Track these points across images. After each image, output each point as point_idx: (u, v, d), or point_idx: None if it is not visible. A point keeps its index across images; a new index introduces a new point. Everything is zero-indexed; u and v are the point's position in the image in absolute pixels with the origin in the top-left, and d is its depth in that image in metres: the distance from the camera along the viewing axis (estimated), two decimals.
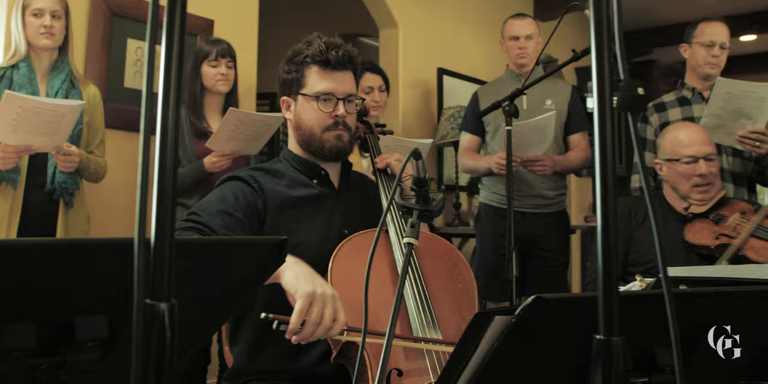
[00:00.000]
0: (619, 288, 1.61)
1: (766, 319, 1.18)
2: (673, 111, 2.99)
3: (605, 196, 0.69)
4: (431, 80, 4.80)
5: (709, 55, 2.92)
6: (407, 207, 1.45)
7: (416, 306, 1.61)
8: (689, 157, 2.21)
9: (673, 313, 0.75)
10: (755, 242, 2.10)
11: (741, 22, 6.38)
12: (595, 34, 0.73)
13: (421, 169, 1.43)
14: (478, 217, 3.52)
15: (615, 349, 0.72)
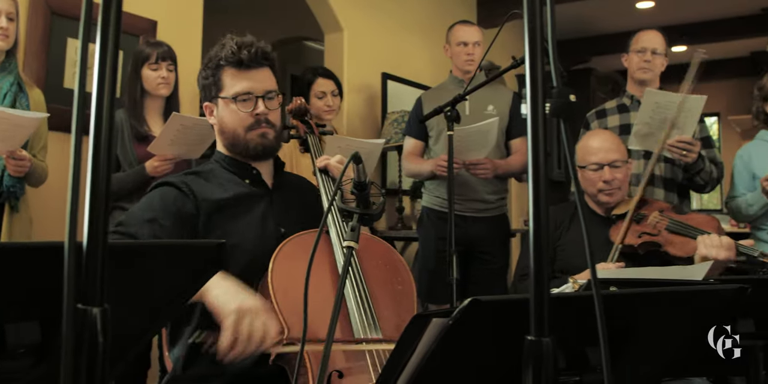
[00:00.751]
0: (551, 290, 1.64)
1: (690, 318, 1.22)
2: (612, 118, 3.07)
3: (537, 199, 0.71)
4: (375, 85, 4.81)
5: (641, 61, 3.02)
6: (347, 210, 1.46)
7: (357, 307, 1.61)
8: (595, 164, 2.28)
9: (601, 313, 0.77)
10: (674, 238, 2.17)
11: (672, 33, 6.58)
12: (528, 43, 0.74)
13: (361, 173, 1.43)
14: (421, 220, 3.54)
15: (545, 349, 0.73)
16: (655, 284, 1.21)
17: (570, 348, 1.16)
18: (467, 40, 3.37)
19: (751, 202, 2.90)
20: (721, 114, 8.59)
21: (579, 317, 1.04)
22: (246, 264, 1.69)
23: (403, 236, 4.57)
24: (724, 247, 1.98)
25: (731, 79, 8.06)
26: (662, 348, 1.31)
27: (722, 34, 6.66)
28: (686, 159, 2.71)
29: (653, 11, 6.28)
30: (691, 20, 6.57)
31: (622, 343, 1.22)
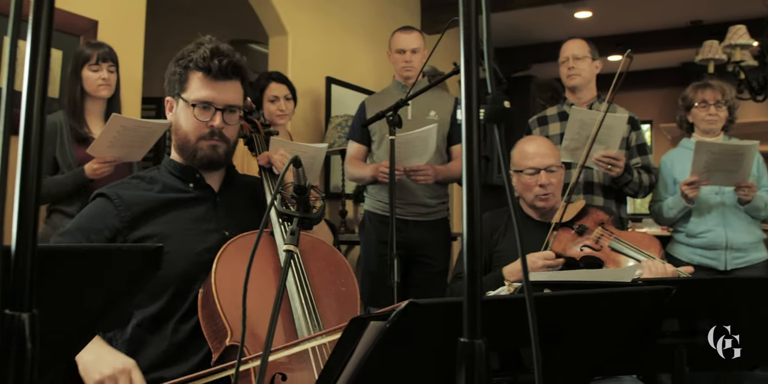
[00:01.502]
0: (487, 293, 1.66)
1: (620, 318, 1.25)
2: (554, 125, 3.15)
3: (471, 204, 0.72)
4: (319, 89, 4.81)
5: (566, 69, 3.13)
6: (287, 214, 1.45)
7: (301, 308, 1.61)
8: (531, 168, 2.33)
9: (533, 315, 0.78)
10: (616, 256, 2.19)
11: (609, 43, 6.76)
12: (464, 50, 0.75)
13: (301, 177, 1.43)
14: (363, 224, 3.54)
15: (478, 351, 0.74)
16: (586, 286, 1.24)
17: (504, 349, 1.18)
18: (405, 48, 3.39)
19: (671, 206, 3.01)
20: (653, 121, 8.83)
21: (513, 319, 1.05)
22: (185, 268, 1.67)
23: (346, 240, 4.56)
24: (668, 275, 2.02)
25: (663, 88, 8.31)
26: (593, 347, 1.34)
27: (655, 44, 6.86)
28: (612, 173, 2.80)
29: (591, 21, 6.43)
30: (626, 30, 6.75)
31: (555, 343, 1.24)
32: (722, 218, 3.00)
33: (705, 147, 2.81)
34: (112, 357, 1.48)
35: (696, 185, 2.87)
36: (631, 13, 6.25)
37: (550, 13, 6.13)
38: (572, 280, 1.56)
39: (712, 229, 2.97)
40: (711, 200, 3.02)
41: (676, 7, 6.08)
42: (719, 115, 3.06)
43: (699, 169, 2.83)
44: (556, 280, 1.47)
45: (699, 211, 3.02)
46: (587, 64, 3.13)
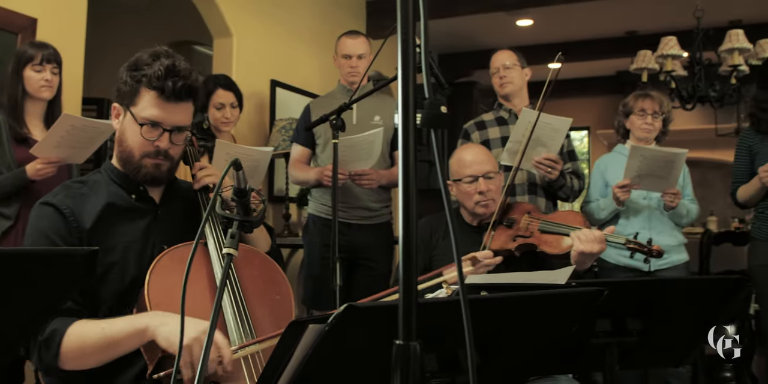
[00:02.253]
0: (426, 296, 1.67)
1: (555, 318, 1.27)
2: (493, 130, 3.19)
3: (407, 208, 0.72)
4: (264, 91, 4.76)
5: (498, 78, 3.21)
6: (227, 218, 1.43)
7: (234, 318, 1.59)
8: (470, 176, 2.35)
9: (468, 317, 0.79)
10: (547, 237, 2.28)
11: (548, 51, 6.88)
12: (401, 56, 0.76)
13: (241, 180, 1.41)
14: (306, 227, 3.52)
15: (413, 353, 0.74)
16: (522, 288, 1.25)
17: (442, 351, 1.19)
18: (351, 53, 3.39)
19: (603, 207, 3.09)
20: (590, 128, 9.03)
21: (451, 321, 1.06)
22: (128, 282, 1.63)
23: (290, 243, 4.53)
24: (597, 240, 2.07)
25: (600, 96, 8.49)
26: (529, 347, 1.36)
27: (593, 53, 7.00)
28: (551, 175, 2.86)
29: (532, 29, 6.54)
30: (566, 39, 6.88)
31: (492, 344, 1.25)
32: (648, 222, 3.09)
33: (639, 152, 2.89)
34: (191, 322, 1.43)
35: (628, 189, 2.95)
36: (571, 23, 6.38)
37: (492, 21, 6.20)
38: (509, 282, 1.59)
39: (638, 232, 3.05)
40: (639, 204, 3.11)
41: (613, 18, 6.22)
42: (655, 125, 3.15)
43: (632, 173, 2.91)
44: (493, 283, 1.49)
45: (627, 214, 3.11)
46: (517, 73, 3.20)
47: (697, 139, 7.63)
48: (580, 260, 2.08)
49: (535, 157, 2.82)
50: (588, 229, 2.11)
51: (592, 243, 2.05)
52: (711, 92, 4.54)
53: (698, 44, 4.55)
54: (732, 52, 4.31)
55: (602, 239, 2.06)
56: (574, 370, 1.98)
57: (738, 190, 3.13)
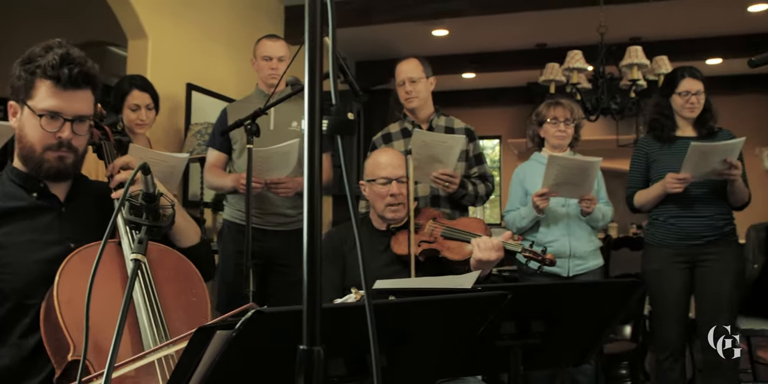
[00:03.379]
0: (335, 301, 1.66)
1: (461, 322, 1.29)
2: (398, 142, 3.19)
3: (312, 213, 0.71)
4: (180, 95, 4.65)
5: (404, 92, 3.19)
6: (135, 222, 1.39)
7: (149, 320, 1.54)
8: (384, 178, 2.37)
9: (372, 321, 0.79)
10: (450, 243, 2.32)
11: (463, 61, 7.03)
12: (308, 61, 0.75)
13: (150, 184, 1.37)
14: (221, 233, 3.45)
15: (316, 358, 0.73)
16: (429, 293, 1.27)
17: (351, 355, 1.18)
18: (272, 55, 3.35)
19: (523, 216, 3.15)
20: (502, 137, 9.24)
21: (358, 326, 1.06)
22: (24, 281, 1.56)
23: None
24: (495, 248, 2.11)
25: (511, 106, 8.71)
26: (437, 350, 1.38)
27: (505, 64, 7.18)
28: (448, 189, 2.91)
29: (447, 39, 6.64)
30: (479, 50, 7.02)
31: (399, 348, 1.26)
32: (567, 228, 3.17)
33: (556, 161, 2.97)
34: None
35: (546, 197, 3.02)
36: (484, 34, 6.51)
37: (409, 30, 6.27)
38: (416, 287, 1.60)
39: (558, 239, 3.14)
40: (558, 212, 3.18)
41: (524, 31, 6.39)
42: (567, 132, 3.23)
43: (549, 181, 2.99)
44: (400, 288, 1.50)
45: (547, 222, 3.18)
46: (423, 85, 3.19)
47: (600, 149, 7.91)
48: (478, 267, 2.12)
49: (432, 172, 2.87)
50: (487, 237, 2.15)
51: (489, 251, 2.10)
52: (613, 104, 4.72)
53: (601, 59, 4.73)
54: (631, 67, 4.49)
55: (500, 247, 2.11)
56: (482, 372, 2.02)
57: (635, 195, 3.25)
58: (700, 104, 3.11)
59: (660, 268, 3.14)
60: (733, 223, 3.15)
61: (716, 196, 3.08)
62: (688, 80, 3.11)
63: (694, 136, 3.14)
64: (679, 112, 3.16)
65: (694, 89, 3.09)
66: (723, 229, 3.08)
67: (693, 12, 5.84)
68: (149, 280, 1.60)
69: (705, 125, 3.14)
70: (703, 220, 3.07)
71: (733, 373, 3.09)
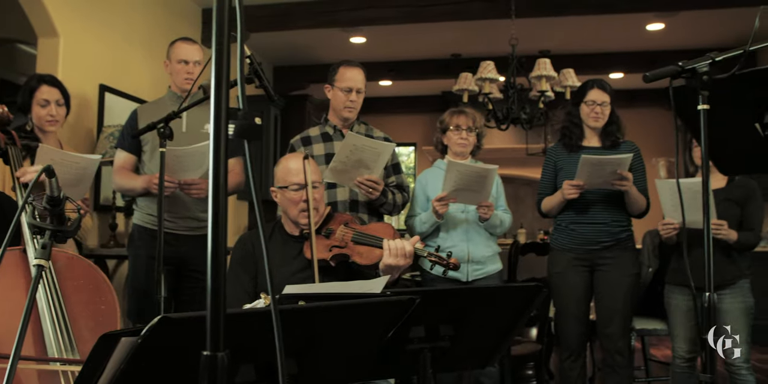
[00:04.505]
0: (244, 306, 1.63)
1: (371, 326, 1.29)
2: (318, 146, 3.15)
3: (216, 218, 0.70)
4: (92, 96, 4.49)
5: (348, 100, 3.10)
6: (39, 227, 1.33)
7: (54, 329, 1.48)
8: (296, 184, 2.36)
9: (278, 327, 0.78)
10: (360, 248, 2.33)
11: (380, 69, 7.07)
12: (215, 67, 0.74)
13: (54, 188, 1.32)
14: (132, 238, 3.34)
15: (220, 363, 0.72)
16: (339, 298, 1.26)
17: (260, 361, 1.17)
18: (188, 59, 3.27)
19: (424, 221, 3.19)
20: (417, 144, 9.34)
21: (267, 331, 1.04)
22: None
23: (116, 254, 4.28)
24: (406, 255, 2.15)
25: (427, 114, 8.81)
26: (347, 354, 1.37)
27: (421, 73, 7.27)
28: (371, 196, 2.90)
29: (365, 46, 6.67)
30: (396, 58, 7.09)
31: (310, 352, 1.25)
32: (466, 234, 3.23)
33: (455, 167, 3.02)
34: None
35: (445, 202, 3.07)
36: (401, 43, 6.58)
37: (327, 36, 6.27)
38: (325, 292, 1.59)
39: (456, 245, 3.19)
40: (457, 218, 3.24)
41: (440, 41, 6.49)
42: (469, 140, 3.29)
43: (449, 187, 3.03)
44: (310, 293, 1.49)
45: (446, 227, 3.23)
46: (362, 97, 3.15)
47: (510, 157, 8.14)
48: (387, 271, 2.13)
49: (357, 177, 2.86)
50: (400, 242, 2.17)
51: (400, 257, 2.12)
52: (522, 114, 4.83)
53: (512, 70, 4.84)
54: (540, 78, 4.62)
55: (411, 255, 2.15)
56: (393, 375, 2.02)
57: (542, 201, 3.34)
58: (605, 115, 3.22)
59: (562, 271, 3.24)
60: (630, 230, 3.27)
61: (614, 205, 3.20)
62: (596, 91, 3.22)
63: (598, 147, 3.25)
64: (585, 121, 3.26)
65: (599, 100, 3.20)
66: (619, 235, 3.21)
67: (597, 28, 6.08)
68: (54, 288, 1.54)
69: (610, 137, 3.26)
70: (601, 227, 3.19)
71: (629, 371, 3.22)
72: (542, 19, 5.48)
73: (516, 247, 4.09)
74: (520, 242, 4.48)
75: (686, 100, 1.49)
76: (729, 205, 3.03)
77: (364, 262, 2.28)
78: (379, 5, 5.35)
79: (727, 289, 2.97)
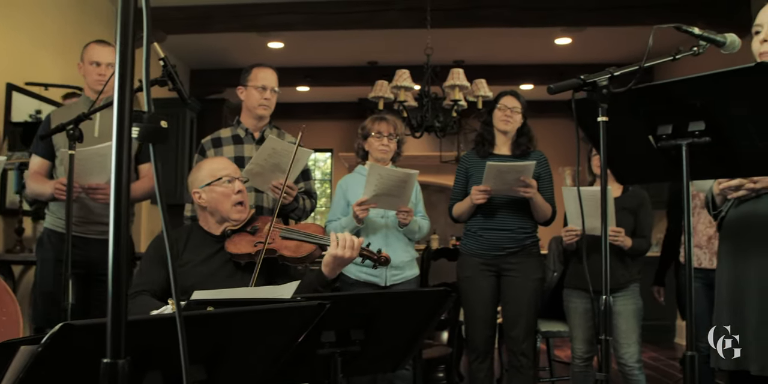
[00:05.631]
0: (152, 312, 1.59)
1: (282, 330, 1.28)
2: (228, 147, 3.10)
3: (118, 224, 0.68)
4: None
5: (262, 98, 3.07)
6: None
7: None
8: (227, 176, 2.34)
9: (183, 334, 0.76)
10: (288, 243, 2.31)
11: (297, 74, 7.05)
12: (119, 69, 0.72)
13: None
14: (40, 242, 3.19)
15: (120, 371, 0.70)
16: (249, 303, 1.25)
17: (167, 367, 1.13)
18: (100, 61, 3.16)
19: (344, 225, 3.19)
20: (333, 150, 9.33)
21: (174, 338, 1.02)
22: None
23: (22, 260, 4.08)
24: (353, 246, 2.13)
25: (343, 120, 8.82)
26: (258, 360, 1.35)
27: (338, 79, 7.28)
28: (285, 201, 2.87)
29: (282, 51, 6.62)
30: (314, 64, 7.07)
31: (219, 359, 1.23)
32: (385, 239, 3.24)
33: (376, 170, 3.03)
34: None
35: (366, 207, 3.07)
36: (319, 49, 6.57)
37: (246, 41, 6.19)
38: (235, 298, 1.57)
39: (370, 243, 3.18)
40: (377, 223, 3.25)
41: (357, 48, 6.52)
42: (390, 146, 3.31)
43: (370, 191, 3.04)
44: (219, 298, 1.46)
45: (366, 232, 3.23)
46: (275, 98, 3.13)
47: (425, 164, 8.23)
48: (333, 265, 2.12)
49: (272, 181, 2.83)
50: (348, 234, 2.16)
51: (348, 249, 2.11)
52: (436, 123, 4.90)
53: (427, 79, 4.90)
54: (454, 88, 4.69)
55: (358, 247, 2.14)
56: (305, 380, 2.01)
57: (453, 207, 3.40)
58: (515, 120, 3.29)
59: (470, 276, 3.30)
60: (536, 236, 3.36)
61: (520, 212, 3.28)
62: (509, 97, 3.31)
63: (508, 155, 3.33)
64: (496, 125, 3.33)
65: (510, 105, 3.28)
66: (524, 242, 3.29)
67: (509, 41, 6.25)
68: None
69: (521, 147, 3.34)
70: (506, 233, 3.26)
71: (534, 372, 3.30)
72: (457, 29, 5.58)
73: (428, 253, 4.14)
74: (432, 248, 4.53)
75: (588, 111, 1.55)
76: (624, 214, 3.18)
77: (293, 255, 2.27)
78: (297, 11, 5.32)
79: (619, 293, 3.12)
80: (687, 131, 1.49)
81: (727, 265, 1.96)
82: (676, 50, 1.62)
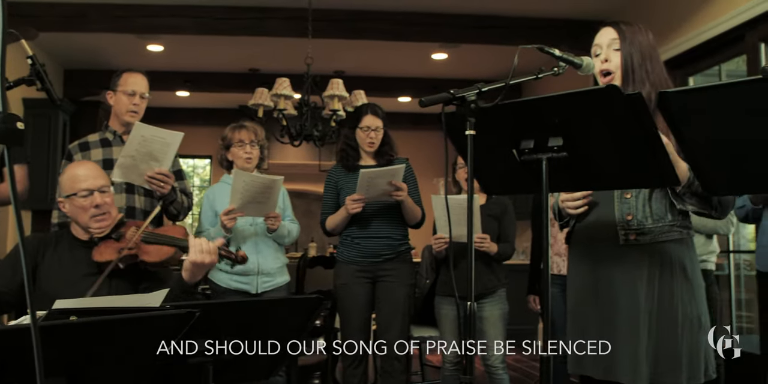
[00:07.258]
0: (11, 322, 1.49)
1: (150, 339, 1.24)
2: (96, 151, 2.96)
3: None
4: None
5: (131, 104, 2.96)
6: None
7: None
8: (85, 189, 2.24)
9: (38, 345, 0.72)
10: (149, 247, 2.26)
11: (177, 79, 6.86)
12: None
13: None
14: None
15: None
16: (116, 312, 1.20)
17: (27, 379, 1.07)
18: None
19: (213, 236, 3.07)
20: (213, 157, 9.11)
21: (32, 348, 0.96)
22: None
23: None
24: (210, 251, 2.08)
25: (223, 127, 8.55)
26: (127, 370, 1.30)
27: (219, 85, 7.12)
28: (163, 190, 2.77)
29: (162, 55, 6.39)
30: (194, 69, 6.89)
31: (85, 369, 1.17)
32: (255, 246, 3.20)
33: (241, 177, 3.00)
34: None
35: (233, 215, 3.02)
36: (200, 54, 6.40)
37: (123, 42, 5.94)
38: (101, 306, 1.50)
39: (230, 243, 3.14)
40: (247, 230, 3.21)
41: (239, 54, 6.41)
42: (254, 154, 3.28)
43: (236, 199, 2.99)
44: (84, 307, 1.39)
45: (236, 241, 3.18)
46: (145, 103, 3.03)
47: (303, 173, 8.22)
48: (193, 270, 2.06)
49: (147, 172, 2.72)
50: (205, 240, 2.11)
51: (205, 254, 2.06)
52: (315, 132, 4.90)
53: (307, 88, 4.89)
54: (333, 98, 4.71)
55: (215, 252, 2.09)
56: None
57: (326, 220, 3.41)
58: (378, 139, 3.38)
59: (346, 283, 3.33)
60: (409, 243, 3.44)
61: (394, 220, 3.36)
62: (369, 117, 3.36)
63: (373, 165, 3.39)
64: (360, 146, 3.39)
65: (373, 125, 3.35)
66: (398, 248, 3.36)
67: (389, 54, 6.36)
68: None
69: (384, 156, 3.42)
70: (382, 240, 3.32)
71: (406, 376, 3.37)
72: (338, 40, 5.61)
73: (305, 260, 4.13)
74: (309, 255, 4.52)
75: (457, 125, 1.61)
76: (489, 220, 3.32)
77: (152, 260, 2.22)
78: (176, 14, 5.17)
79: (487, 298, 3.26)
80: (547, 146, 1.57)
81: (573, 272, 2.07)
82: (539, 70, 1.72)
